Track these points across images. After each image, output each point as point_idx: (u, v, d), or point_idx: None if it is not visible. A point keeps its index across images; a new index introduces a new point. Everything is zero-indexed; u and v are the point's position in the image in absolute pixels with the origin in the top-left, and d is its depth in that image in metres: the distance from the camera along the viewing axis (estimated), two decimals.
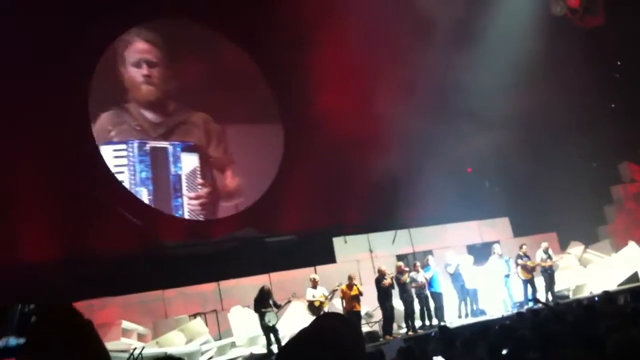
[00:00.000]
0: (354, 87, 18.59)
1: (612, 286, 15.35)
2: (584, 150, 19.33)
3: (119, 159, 16.92)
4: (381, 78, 17.65)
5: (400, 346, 7.64)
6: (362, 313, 13.89)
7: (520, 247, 15.72)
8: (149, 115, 17.65)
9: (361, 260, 16.37)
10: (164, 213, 16.99)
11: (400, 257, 16.42)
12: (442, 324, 13.64)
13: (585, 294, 15.76)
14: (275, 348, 12.20)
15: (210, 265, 15.66)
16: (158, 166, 17.39)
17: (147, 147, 17.33)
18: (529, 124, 19.51)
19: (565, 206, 18.83)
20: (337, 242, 16.87)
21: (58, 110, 15.01)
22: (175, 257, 15.89)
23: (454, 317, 14.78)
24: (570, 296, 15.92)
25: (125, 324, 12.87)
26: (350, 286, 13.38)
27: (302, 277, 14.58)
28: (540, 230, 18.50)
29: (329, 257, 16.53)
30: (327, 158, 18.43)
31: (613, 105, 20.92)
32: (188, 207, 17.65)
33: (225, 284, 14.98)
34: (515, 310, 14.40)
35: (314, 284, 13.28)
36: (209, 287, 14.84)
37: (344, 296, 13.37)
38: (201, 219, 17.83)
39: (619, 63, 21.11)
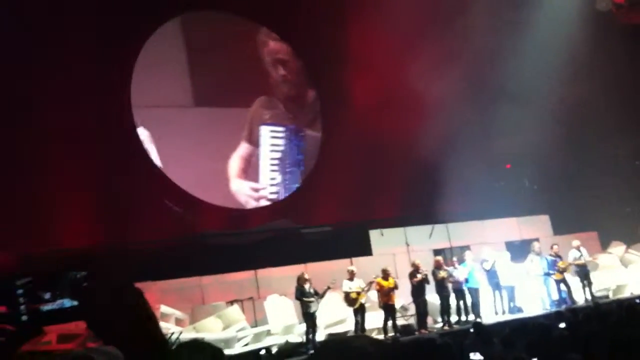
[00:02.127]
0: (392, 79, 18.51)
1: None
2: (629, 149, 18.94)
3: (275, 139, 18.92)
4: (421, 68, 17.50)
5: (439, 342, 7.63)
6: (398, 306, 13.91)
7: (551, 247, 15.57)
8: (294, 105, 19.42)
9: (397, 253, 16.34)
10: (204, 201, 17.17)
11: (437, 252, 16.33)
12: (478, 320, 13.61)
13: (626, 294, 15.51)
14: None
15: (247, 254, 15.81)
16: (308, 151, 19.34)
17: (302, 133, 19.37)
18: (572, 121, 19.20)
19: (606, 205, 18.54)
20: (374, 234, 16.86)
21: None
22: (213, 245, 16.08)
23: (491, 313, 14.71)
24: (611, 296, 15.69)
25: (164, 309, 13.09)
26: (385, 278, 13.42)
27: (337, 268, 14.63)
28: (581, 229, 18.22)
29: (365, 250, 16.54)
30: (364, 150, 18.45)
31: None
32: None
33: (262, 273, 15.13)
34: (553, 309, 14.29)
35: (351, 276, 13.34)
36: (245, 276, 15.01)
37: (380, 289, 13.41)
38: None
39: None
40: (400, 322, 13.81)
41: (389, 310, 13.36)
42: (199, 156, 17.38)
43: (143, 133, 16.83)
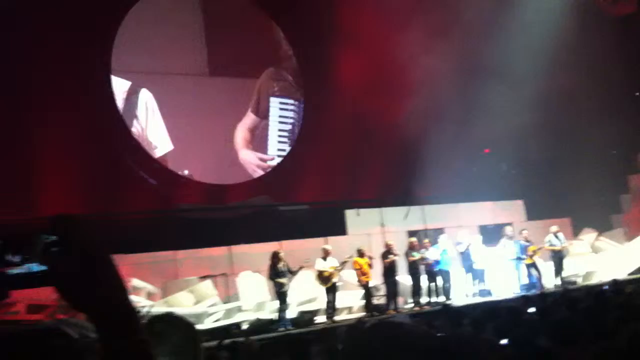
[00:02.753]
0: (376, 61, 18.47)
1: (622, 275, 15.32)
2: (606, 137, 19.10)
3: (284, 112, 19.23)
4: (403, 51, 17.45)
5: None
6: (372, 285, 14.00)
7: (520, 233, 15.74)
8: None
9: (372, 234, 16.38)
10: (181, 175, 17.06)
11: (411, 233, 16.40)
12: (448, 302, 13.75)
13: (594, 281, 15.74)
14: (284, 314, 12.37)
15: (223, 229, 15.75)
16: None
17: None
18: (551, 108, 19.31)
19: (581, 193, 18.73)
20: (350, 214, 16.86)
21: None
22: (189, 219, 16.00)
23: (461, 295, 14.86)
24: (580, 282, 15.91)
25: (136, 282, 13.02)
26: (361, 256, 13.48)
27: (312, 246, 14.64)
28: (554, 215, 18.40)
29: (340, 229, 16.56)
30: (345, 130, 18.44)
31: (638, 94, 20.63)
32: None
33: (237, 249, 15.08)
34: (522, 293, 14.47)
35: (325, 254, 13.34)
36: (220, 251, 14.95)
37: (360, 268, 13.43)
38: None
39: None
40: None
41: (367, 290, 13.44)
42: (205, 125, 17.53)
43: (145, 100, 16.74)
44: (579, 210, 18.78)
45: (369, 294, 13.51)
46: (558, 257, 15.57)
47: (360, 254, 13.61)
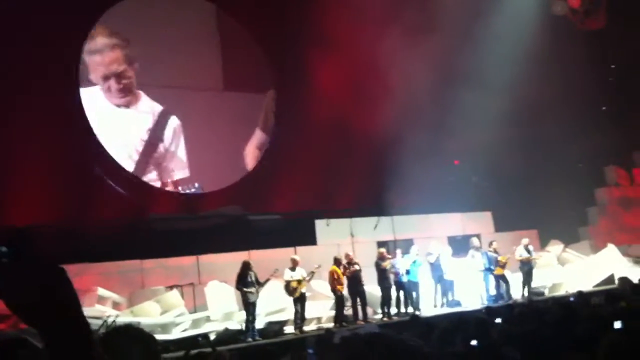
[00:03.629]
0: (348, 72, 18.52)
1: (587, 287, 15.51)
2: (573, 151, 19.38)
3: None
4: (377, 62, 17.54)
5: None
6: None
7: (490, 244, 15.85)
8: None
9: (341, 244, 16.33)
10: (150, 185, 16.88)
11: (381, 244, 16.40)
12: (416, 312, 13.76)
13: (561, 292, 15.90)
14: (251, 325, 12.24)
15: (192, 239, 15.58)
16: None
17: None
18: (520, 121, 19.54)
19: (548, 205, 18.96)
20: (320, 224, 16.83)
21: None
22: (157, 229, 15.80)
23: (430, 306, 14.88)
24: (546, 294, 16.06)
25: (101, 292, 12.81)
26: (338, 265, 13.42)
27: (281, 257, 14.54)
28: (521, 227, 18.59)
29: (310, 239, 16.50)
30: (316, 141, 18.42)
31: (604, 108, 20.99)
32: None
33: (205, 258, 14.93)
34: (490, 304, 14.54)
35: (294, 265, 13.24)
36: (187, 261, 14.78)
37: (338, 277, 13.34)
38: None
39: (612, 66, 21.16)
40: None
41: (340, 299, 13.39)
42: (218, 139, 17.90)
43: (174, 125, 17.19)
44: (546, 222, 19.00)
45: (341, 303, 13.44)
46: (527, 269, 15.70)
47: (337, 262, 13.53)
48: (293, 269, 13.12)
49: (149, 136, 17.42)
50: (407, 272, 14.41)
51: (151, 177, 17.55)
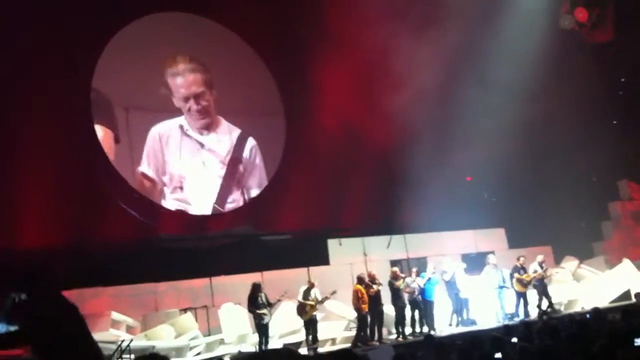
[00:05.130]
0: (356, 90, 18.58)
1: (603, 303, 15.33)
2: (585, 165, 19.30)
3: None
4: (385, 84, 17.60)
5: (395, 353, 7.62)
6: (353, 317, 13.85)
7: (518, 259, 15.59)
8: None
9: (355, 263, 16.30)
10: (161, 206, 16.92)
11: (394, 263, 16.36)
12: (431, 332, 13.62)
13: (577, 309, 15.72)
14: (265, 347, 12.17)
15: (204, 260, 15.62)
16: None
17: None
18: (531, 137, 19.49)
19: (562, 220, 18.83)
20: (332, 244, 16.80)
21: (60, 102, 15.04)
22: (169, 250, 15.83)
23: (445, 325, 14.74)
24: (562, 310, 15.88)
25: (115, 315, 12.80)
26: (361, 283, 13.33)
27: (293, 276, 14.53)
28: (535, 243, 18.45)
29: (322, 259, 16.47)
30: (327, 159, 18.43)
31: (615, 122, 20.89)
32: None
33: (218, 280, 14.92)
34: (506, 322, 14.39)
35: (310, 287, 13.09)
36: (200, 283, 14.78)
37: (362, 296, 13.26)
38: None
39: (622, 80, 21.10)
40: (352, 332, 13.77)
41: (364, 319, 13.29)
42: None
43: (251, 145, 18.21)
44: (560, 237, 18.85)
45: (364, 323, 13.32)
46: (542, 286, 15.52)
47: (361, 281, 13.45)
48: (309, 290, 12.99)
49: (231, 157, 18.36)
50: (423, 290, 14.29)
51: (235, 197, 18.31)
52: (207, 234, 17.25)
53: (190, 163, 17.62)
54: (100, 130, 16.43)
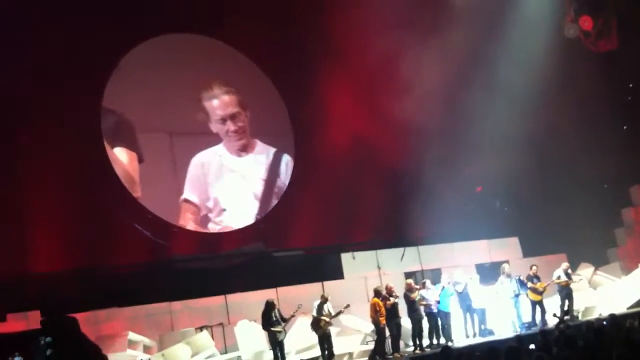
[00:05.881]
0: (365, 104, 18.65)
1: (621, 309, 15.25)
2: (597, 172, 19.23)
3: None
4: (392, 96, 17.65)
5: None
6: (370, 330, 13.83)
7: (531, 268, 15.57)
8: None
9: (369, 277, 16.30)
10: (173, 225, 16.99)
11: (408, 275, 16.34)
12: (448, 343, 13.58)
13: (594, 316, 15.64)
14: None
15: (218, 278, 15.65)
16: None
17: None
18: (540, 145, 19.47)
19: (575, 227, 18.76)
20: (345, 258, 16.81)
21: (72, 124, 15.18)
22: (183, 270, 15.88)
23: (462, 336, 14.69)
24: (580, 317, 15.80)
25: (132, 336, 12.84)
26: (378, 296, 13.33)
27: (308, 292, 14.52)
28: (550, 251, 18.38)
29: (336, 273, 16.47)
30: (337, 173, 18.46)
31: (625, 127, 20.84)
32: None
33: (232, 298, 14.95)
34: (522, 331, 14.33)
35: (324, 301, 13.08)
36: (216, 301, 14.81)
37: (380, 309, 13.24)
38: None
39: (630, 85, 21.08)
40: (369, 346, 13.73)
41: (382, 332, 13.26)
42: None
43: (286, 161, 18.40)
44: (574, 245, 18.76)
45: (383, 336, 13.29)
46: (565, 293, 15.45)
47: (378, 294, 13.43)
48: (323, 305, 12.99)
49: (269, 174, 18.90)
50: (438, 302, 14.25)
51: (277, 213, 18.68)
52: (219, 253, 17.29)
53: (232, 186, 18.09)
54: (122, 153, 16.60)
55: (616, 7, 20.60)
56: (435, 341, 13.99)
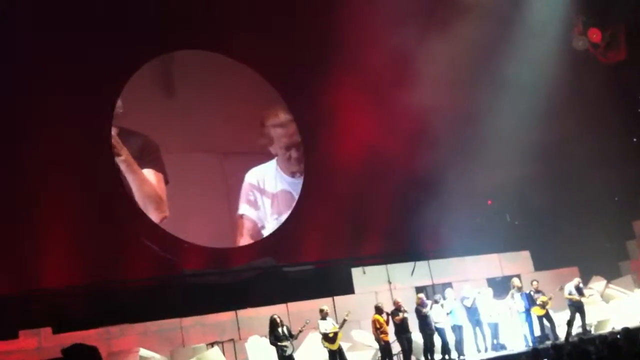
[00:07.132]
0: (376, 117, 18.67)
1: (634, 322, 15.10)
2: (608, 184, 19.13)
3: None
4: (403, 108, 17.66)
5: None
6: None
7: (531, 283, 15.52)
8: None
9: (379, 291, 16.26)
10: (184, 241, 17.03)
11: (419, 289, 16.28)
12: (462, 358, 13.49)
13: (607, 329, 15.51)
14: None
15: (229, 294, 15.65)
16: None
17: None
18: (551, 158, 19.41)
19: (587, 240, 18.66)
20: (356, 272, 16.77)
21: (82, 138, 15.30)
22: (194, 285, 15.89)
23: (473, 351, 14.59)
24: (593, 331, 15.67)
25: (143, 352, 12.84)
26: (380, 313, 13.25)
27: (319, 307, 14.46)
28: (561, 265, 18.28)
29: (347, 288, 16.43)
30: (346, 188, 18.47)
31: (635, 140, 20.77)
32: None
33: (243, 313, 14.93)
34: (535, 345, 14.21)
35: (324, 316, 13.04)
36: (226, 316, 14.80)
37: (381, 326, 13.19)
38: None
39: None
40: None
41: (387, 349, 13.17)
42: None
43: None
44: (586, 258, 18.65)
45: (388, 353, 13.22)
46: (576, 308, 15.33)
47: (379, 310, 13.37)
48: (324, 319, 12.91)
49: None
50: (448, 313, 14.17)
51: None
52: (230, 268, 17.28)
53: (285, 199, 18.90)
54: (150, 175, 16.87)
55: (624, 19, 20.60)
56: (447, 356, 13.89)
